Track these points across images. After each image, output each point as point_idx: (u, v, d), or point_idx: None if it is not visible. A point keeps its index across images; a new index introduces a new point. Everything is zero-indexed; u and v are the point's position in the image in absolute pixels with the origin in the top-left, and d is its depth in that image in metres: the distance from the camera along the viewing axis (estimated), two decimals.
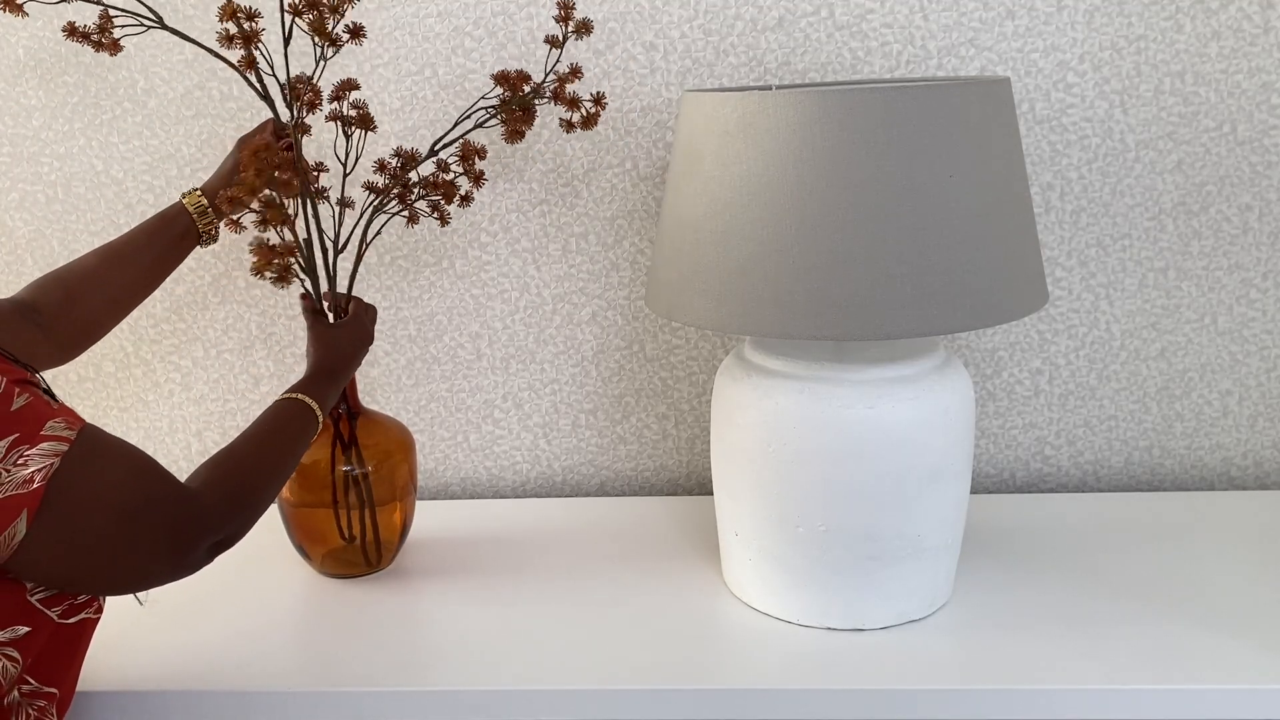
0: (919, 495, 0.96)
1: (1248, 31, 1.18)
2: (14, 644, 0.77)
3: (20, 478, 0.71)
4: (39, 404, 0.74)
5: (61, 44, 1.25)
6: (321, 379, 1.01)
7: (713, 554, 1.16)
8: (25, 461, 0.71)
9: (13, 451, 0.71)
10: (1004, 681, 0.92)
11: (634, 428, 1.35)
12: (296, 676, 0.96)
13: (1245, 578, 1.07)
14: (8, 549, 0.71)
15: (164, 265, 1.06)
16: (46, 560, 0.74)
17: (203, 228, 1.07)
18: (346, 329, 1.05)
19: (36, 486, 0.71)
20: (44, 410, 0.74)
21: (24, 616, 0.77)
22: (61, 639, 0.81)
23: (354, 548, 1.13)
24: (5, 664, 0.76)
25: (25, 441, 0.71)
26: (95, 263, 1.01)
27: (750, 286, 0.90)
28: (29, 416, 0.72)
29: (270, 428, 0.93)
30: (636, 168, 1.25)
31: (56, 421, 0.73)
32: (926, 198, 0.87)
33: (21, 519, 0.71)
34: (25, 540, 0.71)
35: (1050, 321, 1.28)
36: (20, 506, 0.71)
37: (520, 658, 0.98)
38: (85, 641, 0.84)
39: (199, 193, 1.07)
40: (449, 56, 1.23)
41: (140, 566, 0.79)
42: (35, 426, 0.72)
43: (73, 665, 0.84)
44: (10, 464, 0.71)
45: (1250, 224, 1.23)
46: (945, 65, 1.21)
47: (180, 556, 0.80)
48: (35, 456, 0.71)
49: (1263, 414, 1.29)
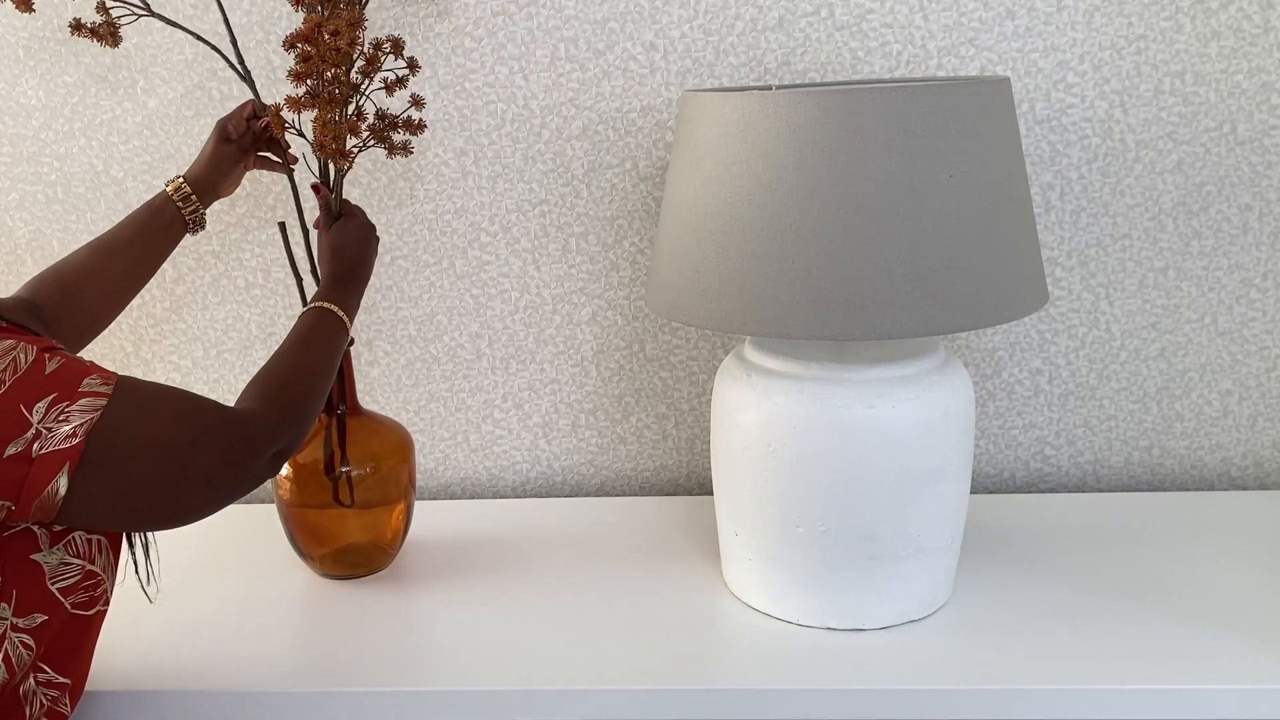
0: (919, 495, 0.96)
1: (1248, 31, 1.18)
2: (29, 631, 0.78)
3: (62, 434, 0.72)
4: (73, 363, 0.75)
5: (62, 44, 1.25)
6: (343, 284, 1.02)
7: (713, 554, 1.16)
8: (66, 417, 0.73)
9: (53, 410, 0.72)
10: (1004, 681, 0.92)
11: (634, 428, 1.35)
12: (296, 677, 0.96)
13: (1245, 578, 1.07)
14: (53, 504, 0.73)
15: (155, 255, 1.06)
16: (108, 504, 0.76)
17: (188, 214, 1.07)
18: (351, 229, 1.05)
19: (78, 441, 0.72)
20: (79, 368, 0.75)
21: (43, 605, 0.78)
22: (75, 629, 0.82)
23: (353, 547, 1.12)
24: (20, 651, 0.77)
25: (65, 399, 0.73)
26: (88, 256, 1.02)
27: (750, 286, 0.90)
28: (65, 376, 0.74)
29: (305, 337, 0.95)
30: (636, 168, 1.25)
31: (93, 378, 0.75)
32: (926, 198, 0.87)
33: (63, 474, 0.72)
34: (74, 494, 0.73)
35: (1050, 321, 1.28)
36: (61, 461, 0.72)
37: (520, 658, 0.98)
38: (95, 632, 0.85)
39: (182, 179, 1.07)
40: (449, 56, 1.23)
41: (207, 492, 0.81)
42: (73, 384, 0.74)
43: (84, 656, 0.85)
44: (52, 421, 0.72)
45: (1250, 224, 1.23)
46: (945, 65, 1.21)
47: (244, 472, 0.83)
48: (75, 412, 0.73)
49: (1263, 414, 1.29)
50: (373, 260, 1.07)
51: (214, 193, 1.09)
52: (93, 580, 0.81)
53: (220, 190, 1.10)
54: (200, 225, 1.08)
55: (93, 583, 0.81)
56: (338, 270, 1.03)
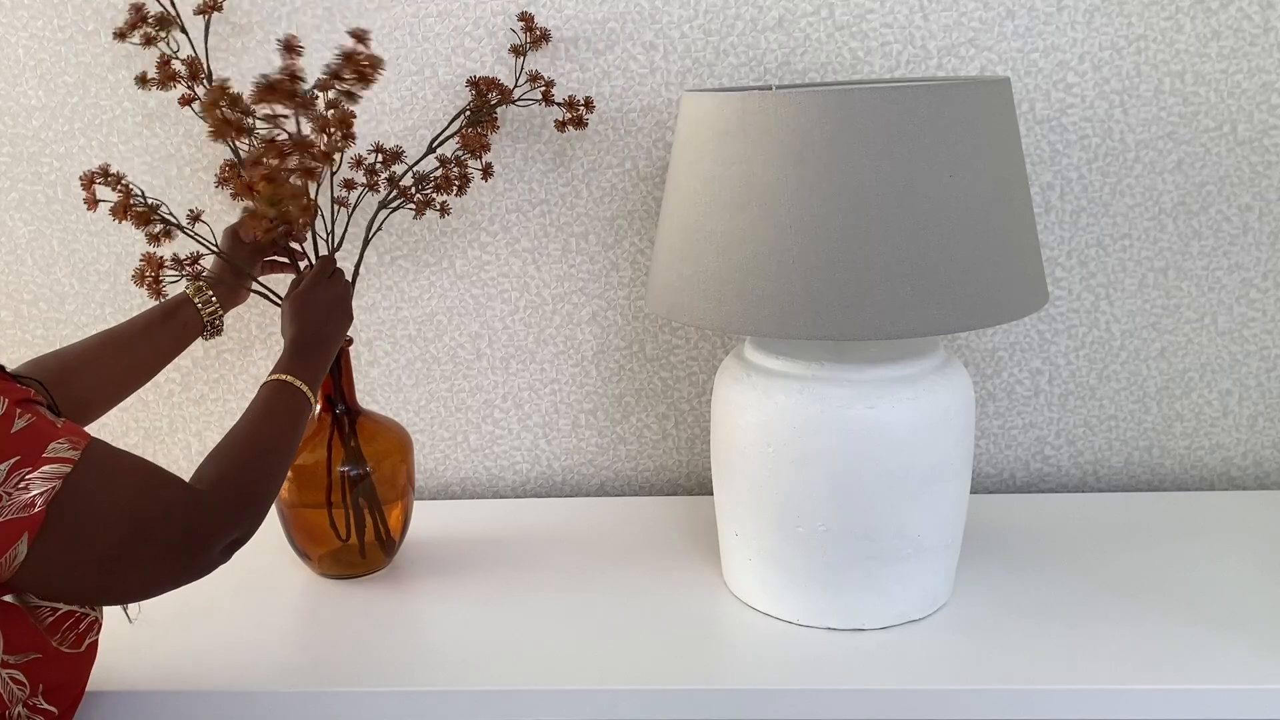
0: (919, 495, 0.96)
1: (1248, 31, 1.18)
2: (21, 668, 0.77)
3: (21, 501, 0.70)
4: (42, 424, 0.73)
5: (62, 44, 1.25)
6: (300, 352, 0.97)
7: (713, 554, 1.16)
8: (27, 485, 0.70)
9: (14, 475, 0.70)
10: (1004, 681, 0.92)
11: (634, 428, 1.35)
12: (296, 677, 0.96)
13: (1245, 578, 1.07)
14: (9, 569, 0.71)
15: (161, 355, 1.04)
16: (58, 576, 0.74)
17: (207, 317, 1.05)
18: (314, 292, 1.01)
19: (38, 510, 0.70)
20: (47, 431, 0.73)
21: (33, 644, 0.77)
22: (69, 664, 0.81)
23: (353, 547, 1.12)
24: (12, 686, 0.77)
25: (27, 464, 0.71)
26: (95, 345, 1.01)
27: (750, 286, 0.90)
28: (31, 438, 0.72)
29: (263, 414, 0.90)
30: (636, 168, 1.25)
31: (60, 443, 0.73)
32: (926, 198, 0.87)
33: (22, 542, 0.70)
34: (29, 560, 0.71)
35: (1050, 321, 1.28)
36: (20, 530, 0.70)
37: (520, 658, 0.98)
38: (90, 663, 0.85)
39: (204, 284, 1.05)
40: (449, 56, 1.23)
41: (156, 575, 0.79)
42: (38, 448, 0.71)
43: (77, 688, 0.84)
44: (11, 487, 0.70)
45: (1250, 224, 1.23)
46: (945, 65, 1.21)
47: (195, 560, 0.80)
48: (37, 480, 0.70)
49: (1263, 414, 1.29)
50: (339, 330, 1.02)
51: (232, 293, 1.08)
52: (74, 618, 0.80)
53: (238, 292, 1.08)
54: (217, 330, 1.07)
55: (74, 619, 0.80)
56: (299, 337, 0.98)
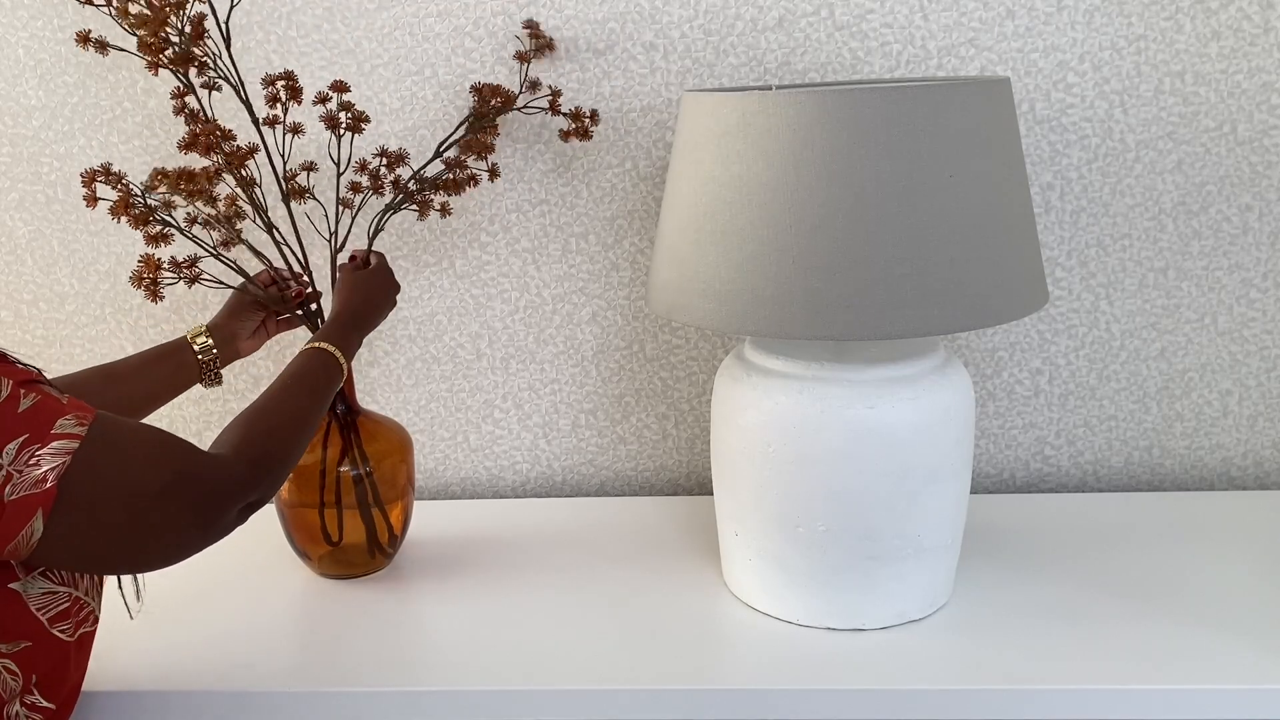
0: (919, 495, 0.96)
1: (1248, 31, 1.18)
2: (13, 657, 0.77)
3: (33, 478, 0.70)
4: (48, 402, 0.73)
5: (62, 44, 1.25)
6: (346, 324, 1.02)
7: (713, 554, 1.16)
8: (37, 461, 0.71)
9: (24, 452, 0.71)
10: (1004, 681, 0.92)
11: (634, 428, 1.35)
12: (296, 676, 0.96)
13: (1245, 578, 1.07)
14: (27, 546, 0.72)
15: (155, 395, 1.04)
16: (77, 549, 0.74)
17: (205, 364, 1.06)
18: (376, 275, 1.08)
19: (50, 486, 0.71)
20: (54, 408, 0.73)
21: (27, 632, 0.77)
22: (61, 654, 0.81)
23: (352, 547, 1.13)
24: (5, 677, 0.77)
25: (36, 441, 0.71)
26: (91, 377, 1.01)
27: (750, 286, 0.90)
28: (38, 416, 0.72)
29: (296, 381, 0.93)
30: (636, 168, 1.25)
31: (67, 419, 0.73)
32: (926, 198, 0.87)
33: (37, 518, 0.71)
34: (46, 536, 0.72)
35: (1050, 321, 1.28)
36: (35, 506, 0.71)
37: (520, 658, 0.98)
38: (85, 655, 0.85)
39: (205, 332, 1.06)
40: (449, 56, 1.23)
41: (174, 541, 0.79)
42: (46, 425, 0.72)
43: (72, 680, 0.84)
44: (23, 464, 0.70)
45: (1250, 224, 1.23)
46: (945, 65, 1.21)
47: (211, 524, 0.80)
48: (47, 456, 0.71)
49: (1263, 414, 1.29)
50: (385, 310, 1.08)
51: (234, 345, 1.08)
52: (77, 605, 0.80)
53: (240, 344, 1.09)
54: (215, 380, 1.07)
55: (77, 607, 0.80)
56: (347, 307, 1.03)
